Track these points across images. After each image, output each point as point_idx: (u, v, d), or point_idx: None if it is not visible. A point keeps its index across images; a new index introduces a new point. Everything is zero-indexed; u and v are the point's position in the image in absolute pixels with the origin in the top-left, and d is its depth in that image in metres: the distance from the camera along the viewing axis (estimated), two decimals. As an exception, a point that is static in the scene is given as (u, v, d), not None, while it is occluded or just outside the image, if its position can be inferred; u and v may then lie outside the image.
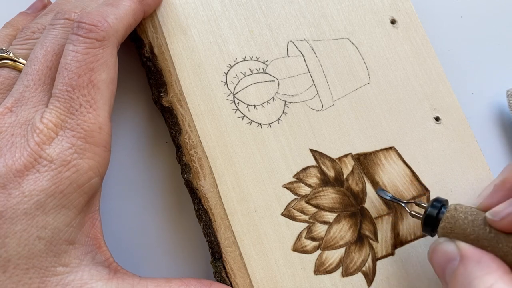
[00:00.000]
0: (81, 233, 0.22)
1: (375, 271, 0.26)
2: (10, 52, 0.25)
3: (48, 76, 0.23)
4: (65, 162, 0.21)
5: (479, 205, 0.23)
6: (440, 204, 0.24)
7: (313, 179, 0.27)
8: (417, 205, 0.25)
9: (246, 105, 0.27)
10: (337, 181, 0.27)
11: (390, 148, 0.29)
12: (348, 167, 0.28)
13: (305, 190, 0.27)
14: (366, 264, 0.26)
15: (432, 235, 0.24)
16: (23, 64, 0.24)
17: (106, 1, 0.25)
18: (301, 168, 0.27)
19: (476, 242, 0.22)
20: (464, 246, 0.22)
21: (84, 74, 0.22)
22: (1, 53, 0.24)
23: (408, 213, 0.26)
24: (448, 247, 0.22)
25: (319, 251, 0.26)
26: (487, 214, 0.22)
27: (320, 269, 0.26)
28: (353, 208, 0.27)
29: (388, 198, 0.26)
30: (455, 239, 0.23)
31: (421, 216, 0.24)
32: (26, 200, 0.20)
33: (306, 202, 0.26)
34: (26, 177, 0.21)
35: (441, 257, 0.23)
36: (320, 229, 0.26)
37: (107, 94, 0.23)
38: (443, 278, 0.23)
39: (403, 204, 0.26)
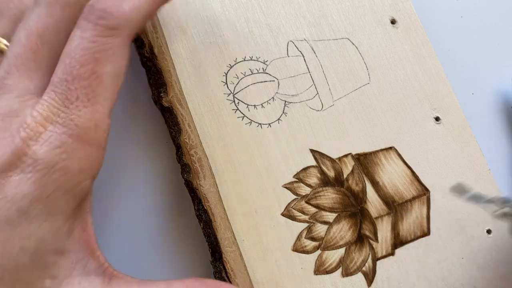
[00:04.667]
0: (70, 240, 0.20)
1: (375, 271, 0.26)
2: None
3: (32, 60, 0.20)
4: (52, 163, 0.19)
5: None
6: None
7: (313, 179, 0.27)
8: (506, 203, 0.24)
9: (246, 105, 0.27)
10: (337, 181, 0.27)
11: (390, 148, 0.29)
12: (348, 167, 0.28)
13: (305, 190, 0.27)
14: (366, 264, 0.26)
15: None
16: (7, 46, 0.22)
17: None
18: (301, 168, 0.27)
19: None
20: None
21: (87, 64, 0.20)
22: None
23: (496, 216, 0.25)
24: None
25: (319, 251, 0.26)
26: None
27: (320, 269, 0.26)
28: (353, 208, 0.27)
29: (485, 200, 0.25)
30: None
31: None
32: (8, 206, 0.18)
33: (306, 202, 0.26)
34: (10, 178, 0.18)
35: None
36: (320, 229, 0.26)
37: (110, 89, 0.21)
38: None
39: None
